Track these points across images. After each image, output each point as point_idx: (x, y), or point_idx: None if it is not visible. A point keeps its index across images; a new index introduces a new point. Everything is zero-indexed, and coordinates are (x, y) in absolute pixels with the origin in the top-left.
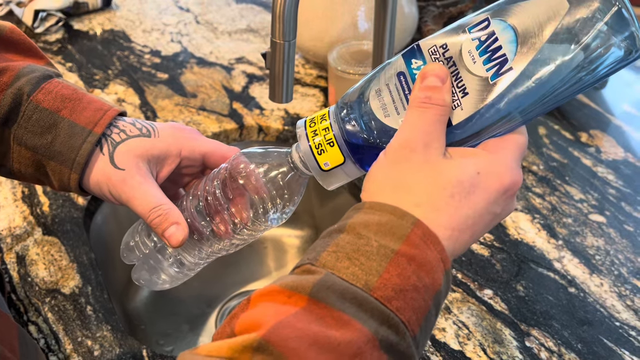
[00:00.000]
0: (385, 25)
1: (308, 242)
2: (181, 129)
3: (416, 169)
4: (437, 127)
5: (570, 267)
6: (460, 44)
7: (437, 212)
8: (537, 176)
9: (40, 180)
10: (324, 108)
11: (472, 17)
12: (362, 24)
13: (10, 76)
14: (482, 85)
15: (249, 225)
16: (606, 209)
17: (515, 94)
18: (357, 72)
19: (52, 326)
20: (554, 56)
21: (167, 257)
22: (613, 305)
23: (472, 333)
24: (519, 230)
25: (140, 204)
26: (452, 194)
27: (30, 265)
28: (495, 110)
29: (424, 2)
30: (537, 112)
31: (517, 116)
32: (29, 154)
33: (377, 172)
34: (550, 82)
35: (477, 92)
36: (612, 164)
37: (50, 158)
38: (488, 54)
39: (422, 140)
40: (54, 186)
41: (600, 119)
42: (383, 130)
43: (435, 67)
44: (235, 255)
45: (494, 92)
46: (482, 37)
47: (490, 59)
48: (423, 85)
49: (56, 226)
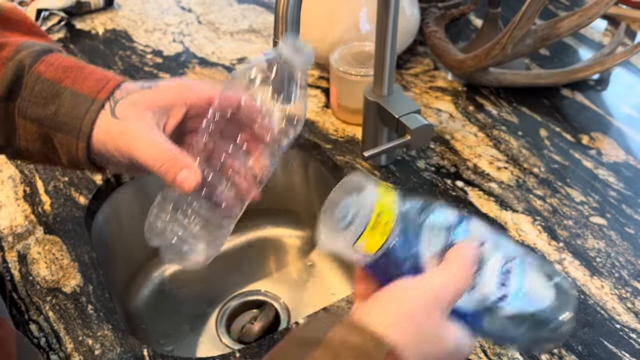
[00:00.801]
0: (387, 27)
1: (309, 243)
2: (185, 80)
3: (432, 332)
4: (460, 294)
5: (571, 269)
6: (494, 253)
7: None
8: (538, 178)
9: (49, 158)
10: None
11: (512, 247)
12: (364, 25)
13: (10, 50)
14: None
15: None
16: (607, 212)
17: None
18: (358, 74)
19: (53, 325)
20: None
21: (190, 218)
22: (614, 308)
23: None
24: (520, 232)
25: (146, 153)
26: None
27: (32, 264)
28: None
29: (426, 4)
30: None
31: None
32: (34, 127)
33: (393, 306)
34: None
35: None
36: (613, 167)
37: (56, 130)
38: (502, 279)
39: (448, 302)
40: (63, 162)
41: (601, 121)
42: (416, 266)
43: (479, 250)
44: (236, 256)
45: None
46: (508, 265)
47: (502, 284)
48: (470, 251)
49: (57, 225)
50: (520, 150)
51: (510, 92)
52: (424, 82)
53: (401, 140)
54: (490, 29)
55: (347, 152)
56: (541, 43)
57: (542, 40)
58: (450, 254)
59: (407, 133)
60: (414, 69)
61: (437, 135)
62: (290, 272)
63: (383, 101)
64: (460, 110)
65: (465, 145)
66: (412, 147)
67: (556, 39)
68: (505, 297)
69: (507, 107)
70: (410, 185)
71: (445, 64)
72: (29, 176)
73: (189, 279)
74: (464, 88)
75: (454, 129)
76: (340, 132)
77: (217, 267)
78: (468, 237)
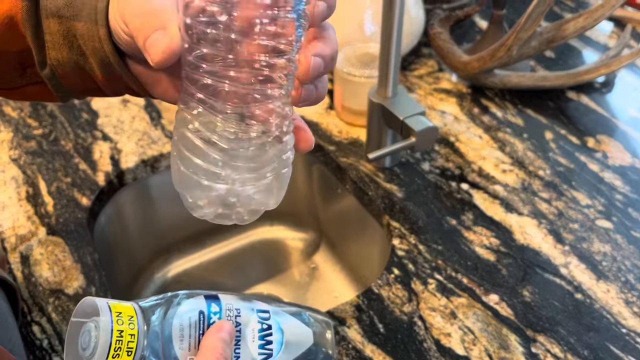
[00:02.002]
0: (392, 29)
1: (312, 246)
2: None
3: None
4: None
5: (577, 272)
6: (249, 318)
7: None
8: (543, 181)
9: (82, 70)
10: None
11: (263, 305)
12: (368, 26)
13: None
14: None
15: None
16: (613, 215)
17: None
18: (362, 75)
19: (55, 326)
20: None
21: (193, 132)
22: (620, 312)
23: (477, 338)
24: (525, 235)
25: (133, 16)
26: None
27: (34, 266)
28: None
29: (431, 5)
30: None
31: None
32: (56, 24)
33: None
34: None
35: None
36: (619, 170)
37: (75, 18)
38: (263, 341)
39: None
40: (97, 72)
41: (607, 124)
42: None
43: (231, 326)
44: (239, 258)
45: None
46: (264, 325)
47: (264, 346)
48: (219, 336)
49: (60, 226)
50: (526, 152)
51: (515, 94)
52: (428, 83)
53: (406, 143)
54: (495, 30)
55: (351, 154)
56: (546, 45)
57: (547, 43)
58: (202, 342)
59: (412, 135)
60: (418, 70)
61: (441, 137)
62: (293, 274)
63: (387, 103)
64: (465, 112)
65: (470, 148)
66: (417, 149)
67: (561, 41)
68: (270, 356)
69: (512, 109)
70: (414, 187)
71: (450, 65)
72: (32, 177)
73: (191, 280)
74: (469, 90)
75: (459, 131)
76: (344, 134)
77: (220, 269)
78: (221, 316)
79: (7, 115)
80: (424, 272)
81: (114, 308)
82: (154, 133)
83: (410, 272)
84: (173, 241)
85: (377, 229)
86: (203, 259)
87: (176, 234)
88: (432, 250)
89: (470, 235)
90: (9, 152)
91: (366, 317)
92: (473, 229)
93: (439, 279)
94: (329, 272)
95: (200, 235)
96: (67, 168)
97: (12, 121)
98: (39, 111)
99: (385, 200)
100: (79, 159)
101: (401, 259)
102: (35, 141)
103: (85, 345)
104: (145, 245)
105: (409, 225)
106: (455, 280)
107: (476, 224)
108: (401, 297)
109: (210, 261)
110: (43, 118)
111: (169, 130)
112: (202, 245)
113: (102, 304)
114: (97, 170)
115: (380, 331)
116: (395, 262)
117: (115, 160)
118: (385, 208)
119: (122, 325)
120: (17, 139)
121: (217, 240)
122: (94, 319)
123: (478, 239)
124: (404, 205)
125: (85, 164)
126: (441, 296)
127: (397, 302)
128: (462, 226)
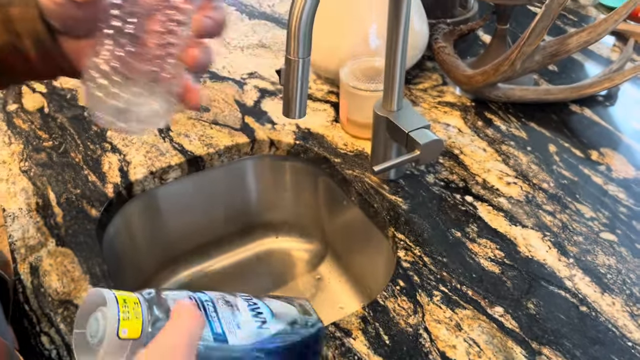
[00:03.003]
0: (397, 42)
1: (317, 257)
2: None
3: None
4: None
5: (582, 285)
6: (236, 300)
7: None
8: (547, 194)
9: (18, 54)
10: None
11: (245, 295)
12: (373, 40)
13: None
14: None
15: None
16: (617, 228)
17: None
18: (368, 89)
19: (64, 337)
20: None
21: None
22: (625, 325)
23: (482, 351)
24: (529, 248)
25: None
26: None
27: (44, 276)
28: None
29: (435, 20)
30: None
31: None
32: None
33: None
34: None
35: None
36: (623, 183)
37: (10, 4)
38: (254, 312)
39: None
40: (31, 53)
41: (610, 137)
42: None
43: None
44: (244, 269)
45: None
46: (251, 302)
47: (256, 315)
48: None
49: (69, 237)
50: (530, 165)
51: (518, 108)
52: (432, 97)
53: (410, 155)
54: (498, 45)
55: (356, 166)
56: (550, 59)
57: (551, 57)
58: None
59: (417, 148)
60: (422, 84)
61: (445, 150)
62: (298, 285)
63: (393, 116)
64: (469, 125)
65: (474, 160)
66: (422, 162)
67: (565, 55)
68: (265, 322)
69: (516, 123)
70: (419, 200)
71: (454, 79)
72: (42, 188)
73: (197, 291)
74: (473, 103)
75: (463, 143)
76: (350, 146)
77: (225, 279)
78: (213, 299)
79: (18, 128)
80: (429, 284)
81: (120, 298)
82: (162, 145)
83: (415, 284)
84: (180, 252)
85: (382, 241)
86: (209, 270)
87: (183, 244)
88: (437, 262)
89: (475, 248)
90: (20, 163)
91: (372, 329)
92: (477, 241)
93: (444, 291)
94: (334, 283)
95: (207, 246)
96: (76, 180)
97: (23, 133)
98: (49, 123)
99: (390, 212)
100: (88, 170)
101: (406, 271)
102: (45, 153)
103: (93, 333)
104: (152, 256)
105: (414, 237)
106: (460, 292)
107: (481, 236)
108: (406, 308)
109: (216, 272)
110: (53, 130)
111: (177, 142)
112: (208, 256)
113: (109, 295)
114: (106, 182)
115: (386, 343)
116: (400, 274)
117: (124, 172)
118: (390, 220)
119: (127, 314)
120: (28, 150)
121: (223, 251)
122: (101, 309)
123: (483, 251)
124: (409, 217)
125: (95, 176)
126: (446, 308)
127: (403, 314)
128: (466, 238)
